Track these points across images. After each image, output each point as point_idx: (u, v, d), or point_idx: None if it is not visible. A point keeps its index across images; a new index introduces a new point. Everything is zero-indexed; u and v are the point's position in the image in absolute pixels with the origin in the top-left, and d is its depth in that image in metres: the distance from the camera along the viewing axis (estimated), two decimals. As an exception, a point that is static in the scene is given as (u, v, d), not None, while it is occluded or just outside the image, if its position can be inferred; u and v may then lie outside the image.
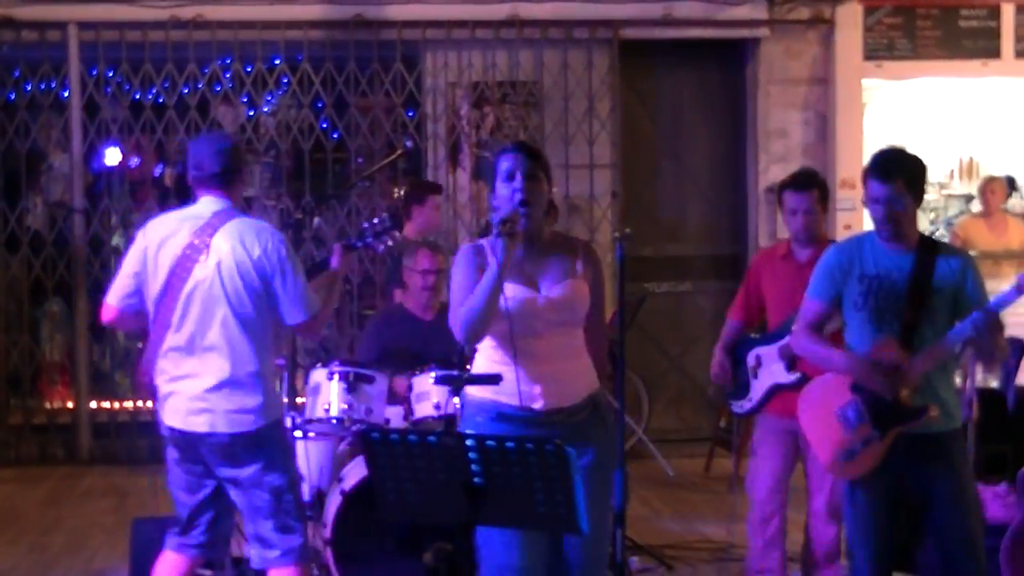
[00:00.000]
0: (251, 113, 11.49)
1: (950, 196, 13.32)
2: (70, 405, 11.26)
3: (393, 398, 7.25)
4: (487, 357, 5.13)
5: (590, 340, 5.22)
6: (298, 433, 7.01)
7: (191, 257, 5.64)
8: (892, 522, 5.58)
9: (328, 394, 7.06)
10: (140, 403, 10.70)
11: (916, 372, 5.44)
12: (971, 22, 11.46)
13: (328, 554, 6.73)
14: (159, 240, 5.75)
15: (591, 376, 5.17)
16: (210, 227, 5.68)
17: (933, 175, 12.61)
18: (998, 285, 10.17)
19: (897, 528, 5.61)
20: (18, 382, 11.33)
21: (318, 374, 7.14)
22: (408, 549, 6.50)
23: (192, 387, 5.67)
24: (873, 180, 5.48)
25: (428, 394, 7.05)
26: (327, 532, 6.76)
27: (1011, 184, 12.40)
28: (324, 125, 11.38)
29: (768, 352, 6.94)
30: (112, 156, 11.51)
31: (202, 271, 5.64)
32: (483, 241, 5.20)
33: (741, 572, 7.42)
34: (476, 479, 4.20)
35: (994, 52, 11.49)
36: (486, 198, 11.15)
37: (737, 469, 9.85)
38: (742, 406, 7.15)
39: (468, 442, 4.19)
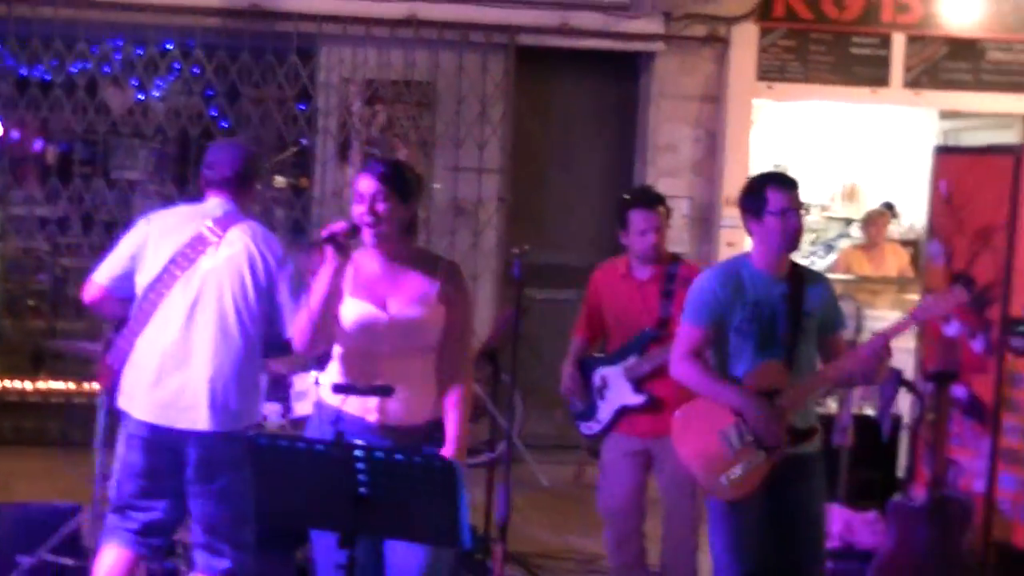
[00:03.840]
0: (140, 97, 11.36)
1: (831, 219, 13.55)
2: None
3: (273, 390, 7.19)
4: (335, 367, 5.18)
5: (445, 366, 5.22)
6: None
7: (197, 248, 5.60)
8: (765, 540, 5.65)
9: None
10: (24, 384, 10.55)
11: (803, 397, 5.60)
12: (863, 49, 11.61)
13: (200, 550, 6.66)
14: (164, 228, 5.72)
15: (434, 406, 5.18)
16: (224, 222, 5.67)
17: (816, 197, 12.91)
18: (877, 312, 10.46)
19: (766, 546, 5.69)
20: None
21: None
22: (279, 545, 6.47)
23: (179, 381, 5.57)
24: (784, 189, 5.62)
25: (308, 392, 7.01)
26: (200, 528, 6.69)
27: (890, 209, 12.62)
28: (214, 113, 11.27)
29: (613, 373, 6.90)
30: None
31: (210, 262, 5.60)
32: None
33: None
34: (362, 489, 4.19)
35: (883, 80, 11.65)
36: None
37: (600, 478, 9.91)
38: (590, 427, 7.09)
39: (356, 452, 4.18)
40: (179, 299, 5.60)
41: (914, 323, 5.64)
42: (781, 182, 5.69)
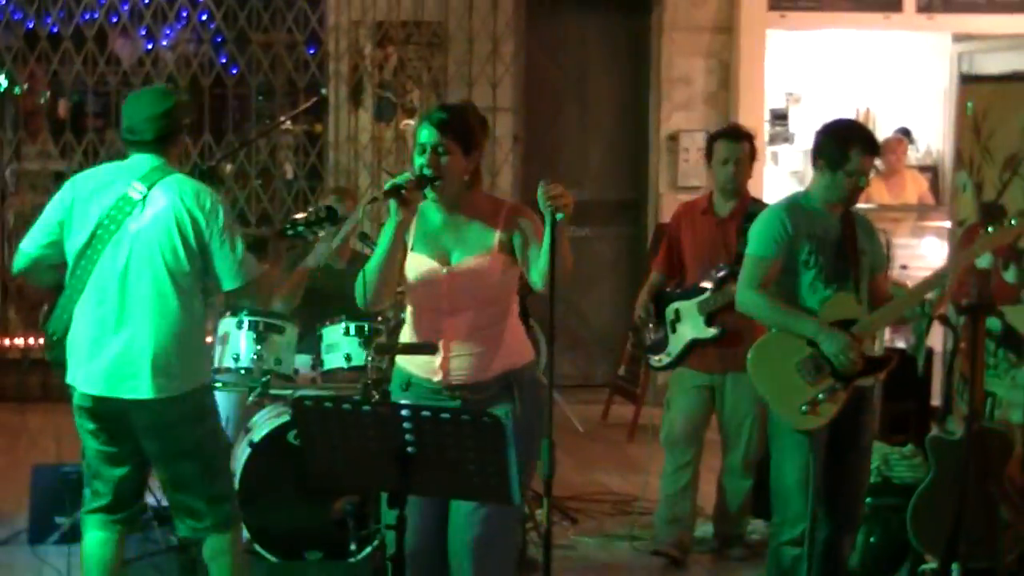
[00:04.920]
0: (149, 46, 11.27)
1: (845, 147, 13.43)
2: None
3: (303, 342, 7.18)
4: (407, 328, 5.09)
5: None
6: (206, 382, 6.94)
7: (123, 209, 5.36)
8: (824, 471, 5.69)
9: (237, 343, 6.99)
10: (32, 340, 10.52)
11: (876, 329, 5.76)
12: (874, -25, 11.53)
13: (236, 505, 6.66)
14: (89, 190, 5.46)
15: (509, 355, 5.01)
16: (148, 181, 5.38)
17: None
18: (898, 240, 10.43)
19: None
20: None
21: (227, 323, 7.06)
22: (316, 501, 6.46)
23: (116, 349, 5.34)
24: (868, 154, 5.66)
25: (338, 345, 7.00)
26: (235, 483, 6.68)
27: (907, 136, 12.54)
28: (224, 60, 11.20)
29: (687, 306, 7.02)
30: (3, 85, 11.25)
31: (135, 224, 5.35)
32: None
33: (647, 525, 7.47)
34: (409, 448, 4.17)
35: (896, 5, 11.55)
36: (388, 139, 11.23)
37: (636, 419, 9.93)
38: (660, 360, 7.20)
39: (403, 411, 4.15)
40: (109, 264, 5.36)
41: (975, 257, 5.78)
42: (868, 146, 5.69)
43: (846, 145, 5.62)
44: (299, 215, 5.89)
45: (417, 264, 4.97)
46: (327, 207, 5.80)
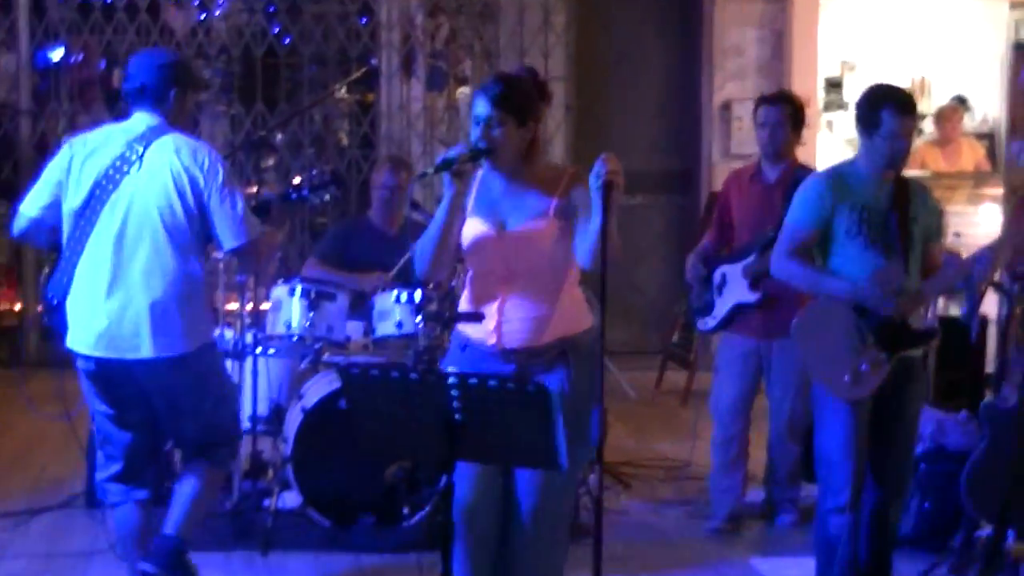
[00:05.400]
0: (202, 17, 11.33)
1: (900, 114, 13.34)
2: (16, 308, 11.16)
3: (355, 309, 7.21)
4: (466, 292, 5.09)
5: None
6: (258, 349, 6.99)
7: (121, 169, 5.31)
8: (870, 440, 5.67)
9: (289, 311, 7.02)
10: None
11: (927, 297, 5.67)
12: (930, -59, 11.44)
13: (289, 470, 6.72)
14: (87, 151, 5.41)
15: (565, 322, 4.97)
16: (144, 140, 5.35)
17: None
18: (953, 208, 10.37)
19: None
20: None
21: (279, 290, 7.10)
22: (369, 466, 6.50)
23: (116, 310, 5.30)
24: (901, 115, 5.52)
25: (390, 312, 7.02)
26: (288, 449, 6.74)
27: (962, 103, 12.44)
28: (276, 30, 11.24)
29: (733, 270, 7.04)
30: (59, 56, 11.33)
31: (132, 184, 5.31)
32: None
33: (698, 491, 7.49)
34: (456, 416, 4.18)
35: (952, -29, 11.49)
36: (441, 109, 11.24)
37: (690, 385, 9.94)
38: (706, 323, 7.27)
39: (450, 380, 4.17)
40: (107, 226, 5.32)
41: None
42: (900, 107, 5.55)
43: (878, 108, 5.54)
44: (301, 177, 5.87)
45: (474, 229, 4.96)
46: (332, 170, 5.78)
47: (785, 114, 7.02)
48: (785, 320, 6.39)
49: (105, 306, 5.30)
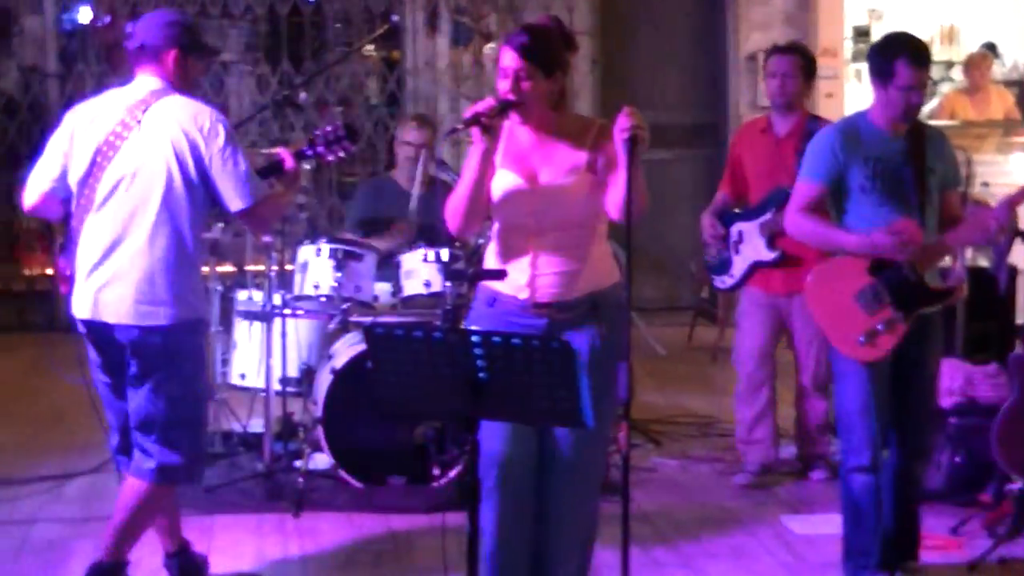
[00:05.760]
0: (228, -25, 11.32)
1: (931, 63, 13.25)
2: (48, 271, 11.19)
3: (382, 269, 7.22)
4: (492, 246, 5.07)
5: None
6: (287, 311, 7.00)
7: (121, 135, 5.19)
8: (890, 398, 5.62)
9: (317, 271, 7.03)
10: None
11: (945, 252, 5.60)
12: None
13: (319, 432, 6.74)
14: (88, 118, 5.29)
15: (595, 276, 4.96)
16: (143, 104, 5.20)
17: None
18: (982, 157, 10.29)
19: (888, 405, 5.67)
20: (-7, 247, 11.28)
21: (306, 251, 7.11)
22: (399, 427, 6.52)
23: (106, 274, 5.19)
24: (916, 67, 5.40)
25: (417, 271, 7.03)
26: (318, 410, 6.77)
27: (992, 51, 12.35)
28: (301, -12, 11.23)
29: (749, 228, 7.00)
30: (85, 18, 11.34)
31: (130, 151, 5.18)
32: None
33: (728, 447, 7.49)
34: (480, 374, 4.17)
35: (982, -84, 11.38)
36: (467, 64, 11.21)
37: (719, 341, 9.92)
38: (723, 282, 7.24)
39: (473, 338, 4.16)
40: (106, 193, 5.21)
41: None
42: (914, 57, 5.42)
43: (892, 58, 5.42)
44: (317, 132, 5.73)
45: (504, 182, 4.94)
46: (345, 125, 5.71)
47: (796, 64, 6.96)
48: (804, 275, 6.37)
49: (99, 272, 5.20)
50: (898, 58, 5.40)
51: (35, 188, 5.40)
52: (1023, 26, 12.16)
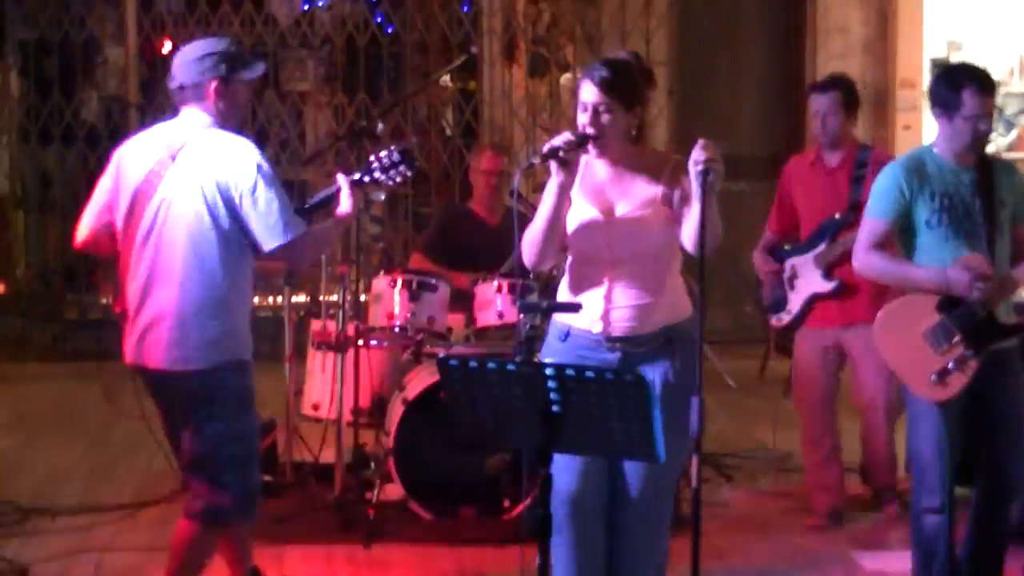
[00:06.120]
0: (306, 7, 11.41)
1: (1008, 94, 13.14)
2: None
3: (456, 301, 7.23)
4: (565, 279, 5.06)
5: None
6: (361, 341, 7.03)
7: (159, 174, 5.11)
8: (965, 437, 5.55)
9: (391, 302, 7.05)
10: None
11: (1017, 285, 5.48)
12: (1040, -83, 11.27)
13: (391, 463, 6.75)
14: (132, 156, 5.25)
15: (670, 310, 4.94)
16: (182, 142, 5.13)
17: (993, 73, 12.47)
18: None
19: (963, 445, 5.60)
20: (74, 277, 11.39)
21: (380, 282, 7.14)
22: (470, 458, 6.51)
23: (145, 318, 5.13)
24: (982, 95, 5.35)
25: (491, 303, 7.04)
26: (390, 441, 6.77)
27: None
28: (379, 19, 11.29)
29: (803, 261, 6.92)
30: (166, 48, 11.46)
31: (167, 189, 5.11)
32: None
33: (800, 482, 7.42)
34: (554, 407, 4.17)
35: (1061, -50, 11.29)
36: (543, 96, 11.23)
37: (791, 374, 9.83)
38: (780, 319, 7.12)
39: (547, 371, 4.16)
40: (144, 233, 5.12)
41: None
42: (981, 86, 5.36)
43: (958, 87, 5.35)
44: (372, 158, 5.59)
45: (580, 214, 4.94)
46: (401, 150, 5.61)
47: (836, 101, 6.85)
48: (863, 304, 6.32)
49: (140, 316, 5.14)
50: (964, 87, 5.34)
51: (85, 224, 5.36)
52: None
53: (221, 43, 5.27)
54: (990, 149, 5.80)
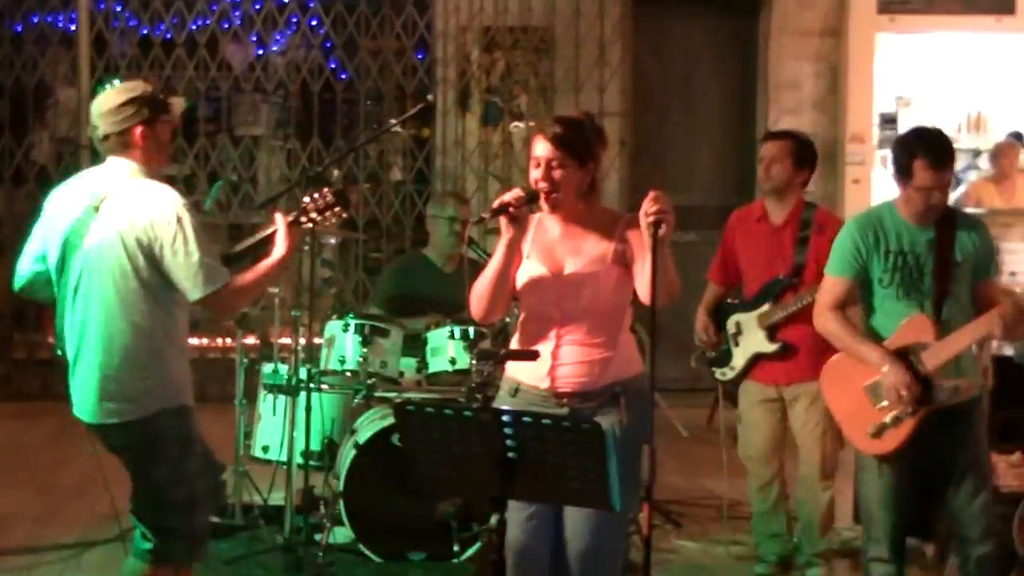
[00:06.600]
0: (260, 52, 11.43)
1: (958, 150, 13.24)
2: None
3: (409, 346, 7.25)
4: (517, 335, 5.09)
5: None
6: (313, 384, 7.02)
7: (84, 223, 5.01)
8: (913, 493, 5.59)
9: (343, 346, 7.07)
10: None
11: (949, 356, 5.41)
12: (986, -23, 11.43)
13: (340, 505, 6.74)
14: (59, 204, 5.15)
15: (621, 365, 4.96)
16: (104, 191, 5.02)
17: (942, 129, 12.64)
18: (1009, 245, 10.29)
19: (916, 497, 5.64)
20: (22, 316, 11.32)
21: (333, 325, 7.15)
22: (420, 502, 6.51)
23: (77, 371, 5.07)
24: (934, 169, 5.29)
25: (443, 348, 7.05)
26: (340, 484, 6.77)
27: (1019, 139, 12.37)
28: (333, 65, 11.32)
29: (748, 319, 6.90)
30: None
31: (90, 240, 5.01)
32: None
33: (749, 529, 7.44)
34: (510, 453, 4.18)
35: (1008, 8, 11.43)
36: (496, 144, 11.27)
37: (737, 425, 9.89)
38: (724, 374, 7.11)
39: (504, 417, 4.17)
40: (69, 284, 5.05)
41: None
42: (933, 160, 5.29)
43: (910, 156, 5.31)
44: (307, 200, 5.49)
45: (530, 271, 4.97)
46: (335, 191, 5.48)
47: (784, 150, 6.78)
48: (804, 364, 6.37)
49: (74, 368, 5.10)
50: (916, 158, 5.30)
51: (22, 270, 5.29)
52: (1050, 115, 12.22)
53: (138, 87, 5.17)
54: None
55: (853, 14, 11.29)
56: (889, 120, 12.60)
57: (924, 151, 5.31)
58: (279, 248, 5.30)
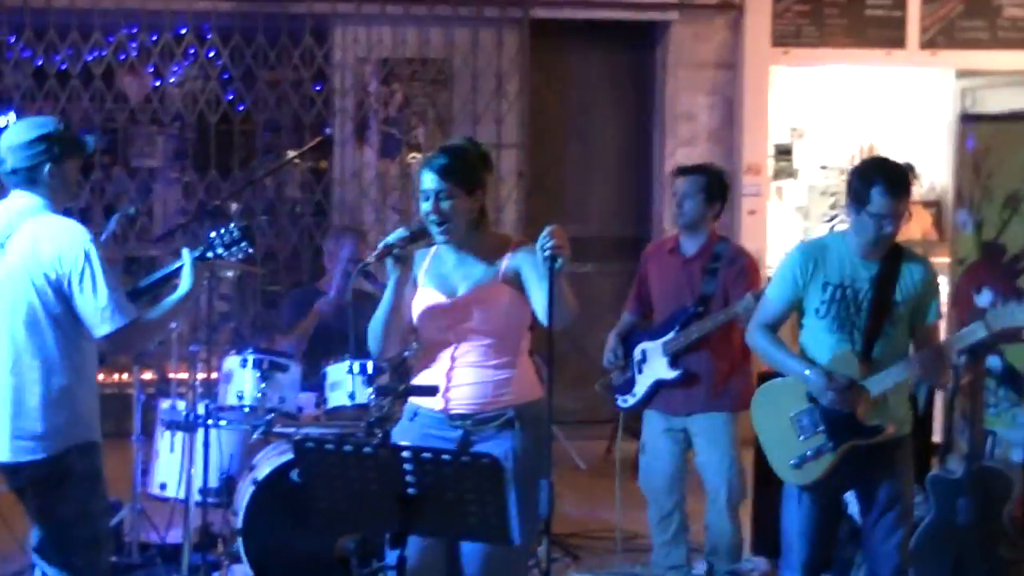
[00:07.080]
0: (157, 83, 11.34)
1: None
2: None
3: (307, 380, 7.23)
4: (417, 364, 5.13)
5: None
6: (210, 420, 6.97)
7: None
8: (832, 526, 5.65)
9: (241, 381, 7.04)
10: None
11: (873, 394, 5.49)
12: (877, 11, 11.57)
13: (239, 543, 6.70)
14: None
15: (518, 389, 5.04)
16: (10, 227, 5.03)
17: (835, 160, 12.85)
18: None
19: (835, 530, 5.71)
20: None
21: (231, 360, 7.12)
22: (319, 539, 6.47)
23: None
24: (891, 196, 5.37)
25: (342, 383, 7.04)
26: (238, 521, 6.73)
27: (910, 171, 12.53)
28: (231, 97, 11.26)
29: (653, 347, 6.99)
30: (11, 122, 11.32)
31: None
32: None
33: (648, 562, 7.48)
34: (410, 489, 4.20)
35: (899, 41, 11.60)
36: (393, 175, 11.27)
37: (638, 456, 9.92)
38: (626, 400, 7.21)
39: (404, 453, 4.19)
40: None
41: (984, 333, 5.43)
42: (890, 186, 5.38)
43: (868, 185, 5.39)
44: (212, 235, 5.50)
45: (425, 299, 5.04)
46: (242, 226, 5.51)
47: (697, 185, 6.88)
48: (706, 396, 6.43)
49: None
50: (874, 184, 5.38)
51: None
52: (942, 148, 12.40)
53: (48, 124, 5.16)
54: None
55: (748, 47, 11.40)
56: (784, 151, 12.76)
57: (882, 178, 5.40)
58: (185, 283, 5.30)
